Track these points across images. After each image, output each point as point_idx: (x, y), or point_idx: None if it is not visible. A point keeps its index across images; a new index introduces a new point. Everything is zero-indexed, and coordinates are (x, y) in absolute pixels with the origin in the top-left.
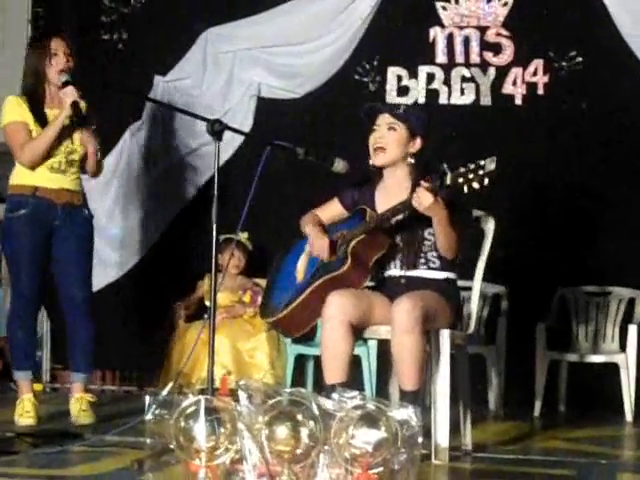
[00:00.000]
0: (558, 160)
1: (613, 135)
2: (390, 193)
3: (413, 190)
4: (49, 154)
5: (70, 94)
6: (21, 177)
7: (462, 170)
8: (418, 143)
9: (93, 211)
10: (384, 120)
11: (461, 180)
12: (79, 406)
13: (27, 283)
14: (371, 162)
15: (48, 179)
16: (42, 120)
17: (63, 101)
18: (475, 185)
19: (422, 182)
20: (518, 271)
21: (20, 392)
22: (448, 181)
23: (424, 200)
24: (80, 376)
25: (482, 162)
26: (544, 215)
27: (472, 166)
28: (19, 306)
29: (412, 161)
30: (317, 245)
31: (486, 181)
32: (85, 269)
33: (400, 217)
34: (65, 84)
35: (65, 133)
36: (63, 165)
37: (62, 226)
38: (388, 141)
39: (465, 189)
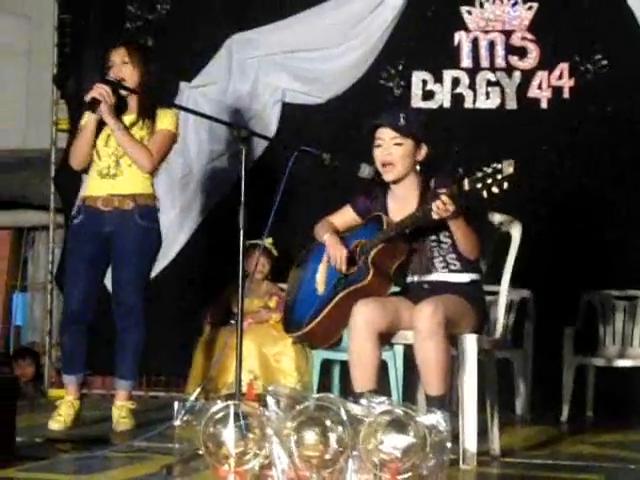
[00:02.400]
0: (583, 164)
1: (639, 139)
2: (401, 202)
3: (422, 200)
4: (94, 156)
5: (93, 91)
6: (82, 187)
7: (479, 175)
8: (424, 151)
9: None
10: (387, 135)
11: (479, 185)
12: (119, 413)
13: (78, 290)
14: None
15: (97, 187)
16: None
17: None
18: (494, 189)
19: (440, 190)
20: (544, 275)
21: (65, 394)
22: (466, 187)
23: (446, 211)
24: (122, 383)
25: (499, 165)
26: (570, 219)
27: (489, 170)
28: (67, 314)
29: (419, 168)
30: (335, 256)
31: (505, 185)
32: (137, 275)
33: (417, 225)
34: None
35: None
36: (113, 169)
37: (115, 232)
38: (395, 157)
39: (485, 194)
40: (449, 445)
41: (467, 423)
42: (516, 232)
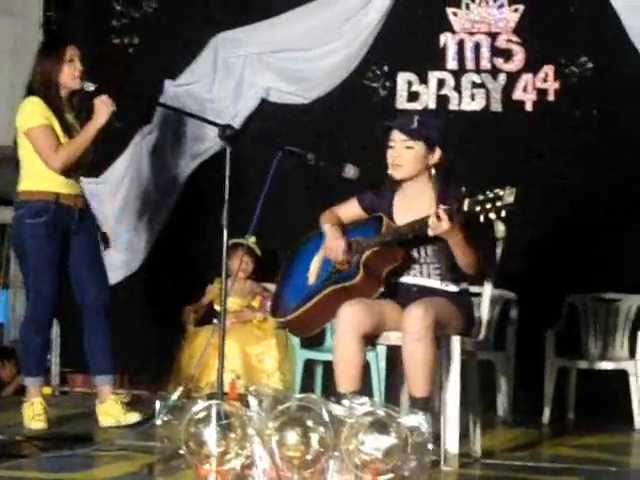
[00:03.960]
0: (568, 166)
1: (624, 141)
2: (410, 201)
3: (438, 204)
4: (80, 162)
5: (109, 103)
6: (40, 183)
7: (480, 198)
8: (437, 154)
9: (102, 214)
10: (399, 137)
11: (478, 208)
12: (114, 406)
13: (48, 289)
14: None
15: (67, 185)
16: (65, 125)
17: (97, 108)
18: (492, 215)
19: (440, 206)
20: (528, 277)
21: (29, 396)
22: (465, 207)
23: (440, 227)
24: (109, 378)
25: (501, 192)
26: (554, 221)
27: (490, 195)
28: (38, 311)
29: (434, 172)
30: (333, 246)
31: (503, 213)
32: (102, 272)
33: (415, 235)
34: (96, 92)
35: (93, 143)
36: (75, 169)
37: (78, 230)
38: (405, 159)
39: (481, 218)
40: (430, 446)
41: (449, 424)
42: (500, 234)
